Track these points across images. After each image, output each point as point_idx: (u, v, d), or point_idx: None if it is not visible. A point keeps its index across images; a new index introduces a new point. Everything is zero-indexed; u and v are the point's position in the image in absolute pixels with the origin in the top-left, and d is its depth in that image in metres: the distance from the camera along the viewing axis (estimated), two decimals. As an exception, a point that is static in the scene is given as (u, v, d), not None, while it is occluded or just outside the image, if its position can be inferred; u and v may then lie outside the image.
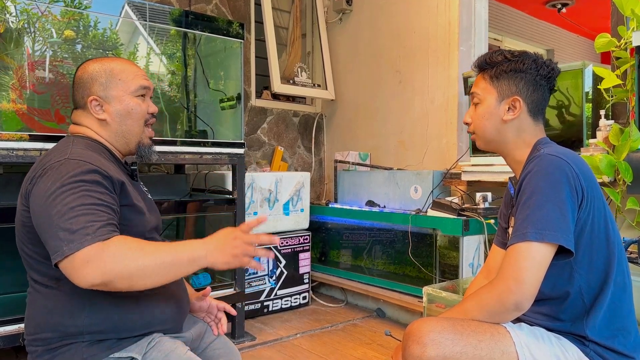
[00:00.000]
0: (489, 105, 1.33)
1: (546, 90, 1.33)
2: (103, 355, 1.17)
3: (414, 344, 1.18)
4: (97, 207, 1.11)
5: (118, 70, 1.33)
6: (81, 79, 1.33)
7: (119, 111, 1.32)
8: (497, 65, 1.32)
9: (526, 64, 1.30)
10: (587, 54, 6.75)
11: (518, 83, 1.30)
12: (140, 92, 1.35)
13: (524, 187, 1.21)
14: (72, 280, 1.06)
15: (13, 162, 1.93)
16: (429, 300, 2.12)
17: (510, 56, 1.32)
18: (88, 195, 1.11)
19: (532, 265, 1.13)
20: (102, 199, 1.14)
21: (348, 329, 2.87)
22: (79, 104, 1.34)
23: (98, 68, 1.33)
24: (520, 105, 1.30)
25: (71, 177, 1.12)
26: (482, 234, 2.61)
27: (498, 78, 1.32)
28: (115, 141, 1.35)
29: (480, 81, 1.36)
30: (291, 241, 3.19)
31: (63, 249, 1.04)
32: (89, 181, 1.13)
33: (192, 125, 2.83)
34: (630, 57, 2.09)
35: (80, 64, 1.37)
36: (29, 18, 2.09)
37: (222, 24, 2.62)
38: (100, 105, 1.31)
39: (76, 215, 1.07)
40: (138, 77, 1.35)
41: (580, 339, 1.22)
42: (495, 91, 1.33)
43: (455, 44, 3.10)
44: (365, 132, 3.76)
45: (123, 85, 1.33)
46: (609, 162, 2.00)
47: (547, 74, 1.31)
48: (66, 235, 1.05)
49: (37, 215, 1.12)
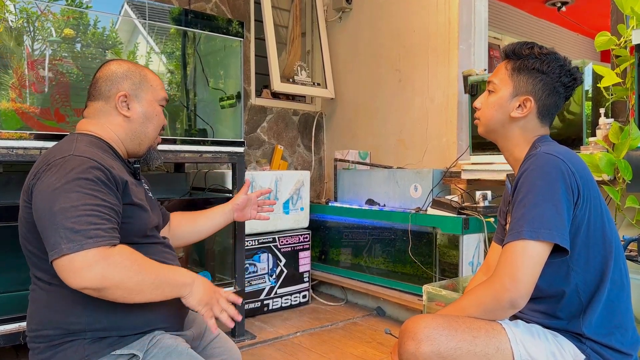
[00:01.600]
0: (502, 97, 1.32)
1: (561, 98, 1.31)
2: (105, 353, 1.17)
3: (409, 340, 1.18)
4: (100, 209, 1.12)
5: (150, 77, 1.40)
6: (114, 73, 1.35)
7: (145, 112, 1.38)
8: (523, 59, 1.30)
9: (551, 66, 1.27)
10: (587, 53, 6.75)
11: (536, 83, 1.28)
12: (162, 103, 1.43)
13: (520, 185, 1.21)
14: (64, 280, 1.07)
15: (13, 160, 1.92)
16: (429, 298, 2.13)
17: (538, 53, 1.29)
18: (92, 195, 1.12)
19: (527, 264, 1.13)
20: (106, 200, 1.14)
21: (348, 328, 2.88)
22: (103, 96, 1.35)
23: (133, 69, 1.38)
24: (531, 105, 1.29)
25: (75, 173, 1.13)
26: (482, 232, 2.61)
27: (519, 72, 1.30)
28: (128, 141, 1.37)
29: (501, 70, 1.34)
30: (291, 240, 3.19)
31: (62, 247, 1.05)
32: (93, 179, 1.14)
33: (192, 124, 2.83)
34: (630, 56, 2.09)
35: (113, 60, 1.40)
36: (28, 17, 2.09)
37: (222, 23, 2.62)
38: (128, 102, 1.35)
39: (79, 215, 1.08)
40: (163, 89, 1.44)
41: (577, 337, 1.23)
42: (511, 85, 1.31)
43: (455, 43, 3.10)
44: (365, 130, 3.76)
45: (153, 91, 1.40)
46: (609, 161, 2.00)
47: (569, 82, 1.29)
48: (67, 234, 1.06)
49: (39, 209, 1.12)
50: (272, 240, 3.07)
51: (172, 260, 1.37)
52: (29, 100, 2.09)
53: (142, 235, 1.29)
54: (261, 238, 3.03)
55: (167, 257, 1.36)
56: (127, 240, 1.23)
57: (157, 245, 1.35)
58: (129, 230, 1.23)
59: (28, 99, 2.09)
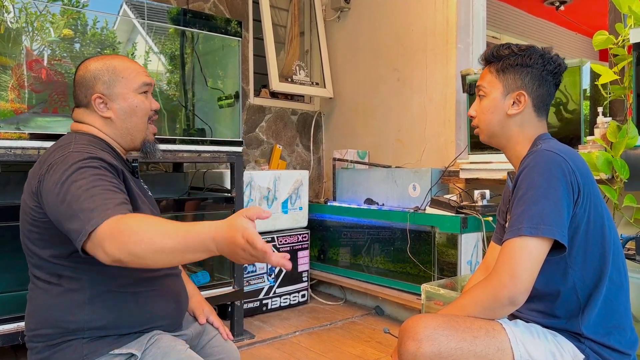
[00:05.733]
0: (494, 99, 1.33)
1: (552, 86, 1.32)
2: (103, 352, 1.17)
3: (409, 341, 1.18)
4: (110, 187, 1.11)
5: (121, 68, 1.33)
6: (83, 77, 1.32)
7: (124, 109, 1.32)
8: (504, 59, 1.32)
9: (533, 58, 1.29)
10: (585, 52, 6.76)
11: (524, 77, 1.30)
12: (143, 89, 1.35)
13: (520, 182, 1.21)
14: (100, 259, 1.02)
15: (11, 160, 1.93)
16: (428, 297, 2.13)
17: (517, 50, 1.31)
18: (99, 178, 1.12)
19: (526, 260, 1.13)
20: (112, 182, 1.14)
21: (347, 327, 2.88)
22: (82, 103, 1.34)
23: (100, 66, 1.32)
24: (525, 99, 1.30)
25: (78, 163, 1.13)
26: (480, 232, 2.61)
27: (504, 72, 1.31)
28: (120, 138, 1.35)
29: (487, 74, 1.35)
30: (290, 239, 3.19)
31: (86, 228, 1.02)
32: (96, 166, 1.14)
33: (190, 124, 2.83)
34: (628, 54, 2.10)
35: (81, 63, 1.37)
36: (27, 17, 2.08)
37: (220, 22, 2.62)
38: (105, 103, 1.31)
39: (92, 195, 1.07)
40: (140, 74, 1.36)
41: (576, 336, 1.23)
42: (500, 85, 1.32)
43: (453, 42, 3.10)
44: (364, 130, 3.76)
45: (127, 82, 1.33)
46: (606, 159, 2.01)
47: (554, 69, 1.30)
48: (87, 215, 1.04)
49: (52, 207, 1.12)
50: (270, 239, 3.08)
51: None
52: (27, 101, 2.09)
53: None
54: (260, 237, 3.03)
55: None
56: None
57: None
58: None
59: (26, 99, 2.09)
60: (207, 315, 1.48)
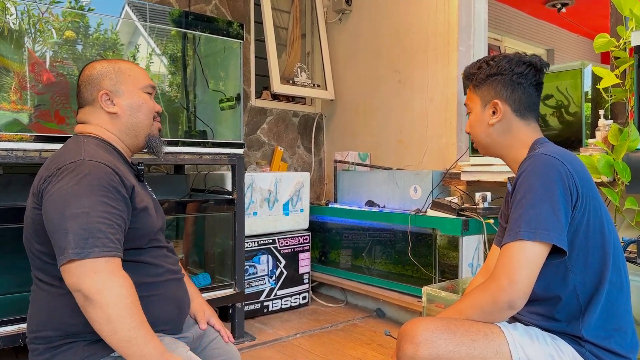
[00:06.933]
0: (477, 113, 1.38)
1: (529, 87, 1.33)
2: (103, 354, 1.18)
3: (407, 344, 1.18)
4: (109, 217, 1.14)
5: (126, 68, 1.39)
6: (90, 76, 1.36)
7: (130, 104, 1.36)
8: (477, 75, 1.37)
9: (500, 66, 1.33)
10: (587, 54, 6.75)
11: (496, 87, 1.34)
12: (148, 90, 1.40)
13: (518, 186, 1.22)
14: (64, 280, 1.10)
15: (13, 162, 1.93)
16: (429, 300, 2.13)
17: (486, 64, 1.35)
18: (102, 201, 1.14)
19: (525, 265, 1.13)
20: (115, 207, 1.16)
21: (348, 329, 2.88)
22: (87, 101, 1.36)
23: (107, 66, 1.37)
24: (500, 107, 1.33)
25: (87, 179, 1.15)
26: (481, 234, 2.61)
27: (479, 86, 1.37)
28: (124, 135, 1.37)
29: (469, 92, 1.42)
30: (291, 241, 3.19)
31: (69, 252, 1.07)
32: (104, 186, 1.16)
33: (191, 126, 2.83)
34: (629, 57, 2.09)
35: (87, 64, 1.40)
36: (29, 19, 2.09)
37: (222, 24, 2.62)
38: (111, 99, 1.35)
39: (89, 222, 1.10)
40: (145, 76, 1.42)
41: (576, 339, 1.22)
42: (478, 99, 1.37)
43: (454, 44, 3.11)
44: (365, 131, 3.76)
45: (133, 81, 1.38)
46: (607, 162, 2.00)
47: (524, 71, 1.32)
48: (75, 239, 1.08)
49: (49, 212, 1.14)
50: (272, 241, 3.08)
51: (174, 264, 1.38)
52: (29, 102, 2.09)
53: (147, 239, 1.30)
54: (261, 239, 3.03)
55: (169, 261, 1.36)
56: (133, 245, 1.24)
57: (161, 249, 1.35)
58: (135, 235, 1.24)
59: (29, 101, 2.10)
60: (208, 318, 1.48)
